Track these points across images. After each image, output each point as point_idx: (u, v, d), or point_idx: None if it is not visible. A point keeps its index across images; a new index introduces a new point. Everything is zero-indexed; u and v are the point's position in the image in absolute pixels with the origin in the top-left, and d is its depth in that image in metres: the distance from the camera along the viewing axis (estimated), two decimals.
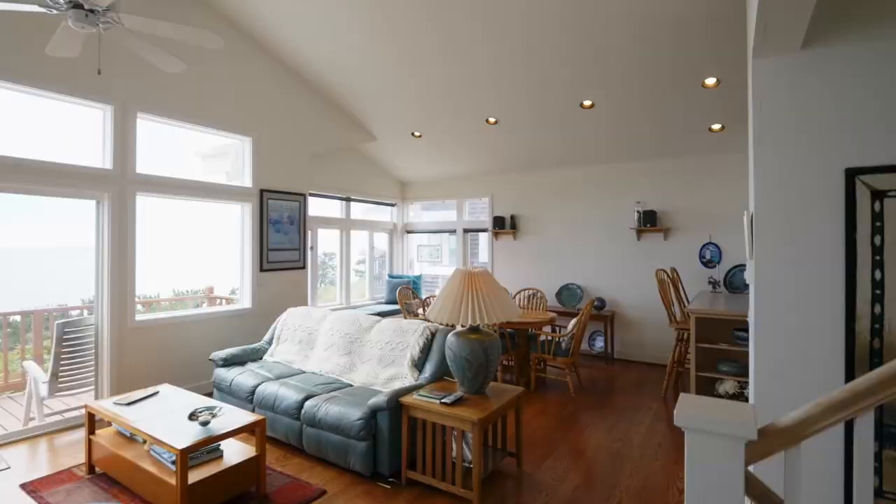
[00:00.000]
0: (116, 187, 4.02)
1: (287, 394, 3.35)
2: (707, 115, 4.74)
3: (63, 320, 3.95)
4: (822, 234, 2.05)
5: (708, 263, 5.39)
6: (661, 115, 4.86)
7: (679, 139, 5.28)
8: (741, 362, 3.93)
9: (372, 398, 3.01)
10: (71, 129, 4.08)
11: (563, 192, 6.40)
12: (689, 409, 1.16)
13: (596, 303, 5.83)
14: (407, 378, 3.38)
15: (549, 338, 4.65)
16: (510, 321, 3.83)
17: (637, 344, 5.88)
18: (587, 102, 4.82)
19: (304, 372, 3.89)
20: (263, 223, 5.18)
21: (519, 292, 5.71)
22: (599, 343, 6.03)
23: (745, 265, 5.01)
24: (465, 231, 7.37)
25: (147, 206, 4.33)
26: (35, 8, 2.43)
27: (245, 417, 2.80)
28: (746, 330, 3.72)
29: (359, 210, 7.41)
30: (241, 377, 3.75)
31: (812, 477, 2.00)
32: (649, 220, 5.64)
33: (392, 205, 7.94)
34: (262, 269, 5.16)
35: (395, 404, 2.93)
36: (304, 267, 5.63)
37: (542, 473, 3.08)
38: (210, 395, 4.14)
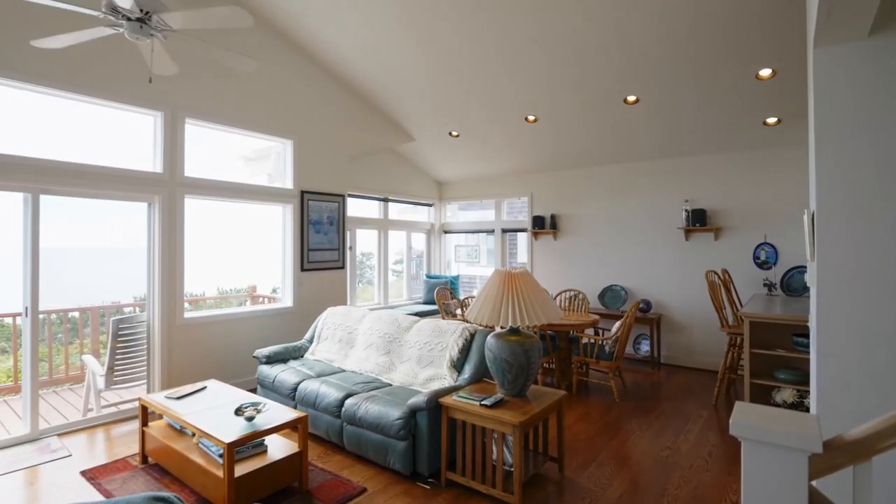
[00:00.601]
0: (166, 190, 4.19)
1: (328, 392, 3.39)
2: (762, 107, 4.48)
3: (118, 317, 4.15)
4: (889, 233, 1.88)
5: (763, 265, 5.10)
6: (711, 109, 4.64)
7: (731, 134, 5.02)
8: (801, 370, 3.68)
9: (411, 398, 2.99)
10: (125, 135, 4.28)
11: (606, 191, 6.22)
12: (747, 417, 1.08)
13: (641, 305, 5.63)
14: (446, 379, 3.35)
15: (592, 341, 4.52)
16: (551, 323, 3.74)
17: (685, 348, 5.64)
18: (631, 98, 4.66)
19: (343, 370, 3.92)
20: (304, 224, 5.28)
21: (560, 293, 5.59)
22: (645, 347, 5.81)
23: (804, 266, 4.71)
24: (504, 231, 7.29)
25: (193, 208, 4.49)
26: (106, 31, 2.55)
27: (288, 414, 2.84)
28: (807, 335, 3.48)
29: (396, 210, 7.46)
30: (284, 374, 3.82)
31: (884, 496, 1.83)
32: (698, 220, 5.39)
33: (429, 205, 7.95)
34: (302, 269, 5.26)
35: (435, 405, 2.91)
36: (343, 267, 5.71)
37: (586, 480, 2.98)
38: (254, 391, 4.25)
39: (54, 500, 2.74)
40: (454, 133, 6.12)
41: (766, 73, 3.97)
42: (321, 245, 5.46)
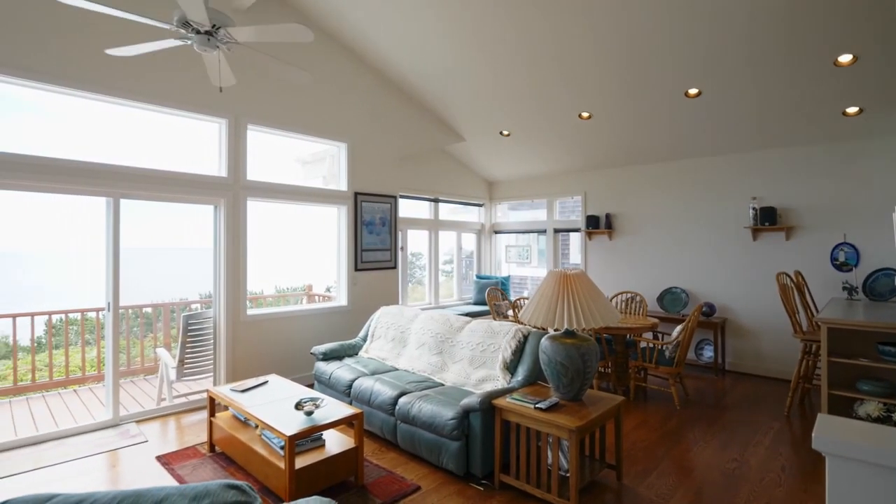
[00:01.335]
0: (231, 193, 4.41)
1: (382, 389, 3.45)
2: (840, 97, 4.14)
3: (187, 313, 4.41)
4: None
5: (842, 266, 4.71)
6: (782, 100, 4.34)
7: (805, 126, 4.67)
8: (888, 381, 3.36)
9: (464, 399, 2.99)
10: (193, 141, 4.55)
11: (666, 189, 5.95)
12: (833, 432, 0.99)
13: (704, 308, 5.34)
14: (499, 380, 3.32)
15: (651, 345, 4.33)
16: (608, 326, 3.62)
17: (753, 355, 5.30)
18: (693, 91, 4.44)
19: (396, 369, 3.98)
20: (357, 224, 5.41)
21: (616, 296, 5.40)
22: (708, 353, 5.51)
23: (892, 269, 4.31)
24: (556, 231, 7.14)
25: (253, 210, 4.70)
26: (176, 42, 2.72)
27: (345, 410, 2.91)
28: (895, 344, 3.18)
29: (446, 211, 7.49)
30: (339, 371, 3.93)
31: None
32: (767, 218, 5.05)
33: (479, 205, 7.93)
34: (356, 269, 5.39)
35: (488, 406, 2.89)
36: (395, 267, 5.80)
37: (646, 489, 2.86)
38: (311, 386, 4.39)
39: (134, 482, 2.95)
40: (505, 132, 6.07)
41: (845, 59, 3.66)
42: (374, 245, 5.58)
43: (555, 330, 2.98)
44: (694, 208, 5.70)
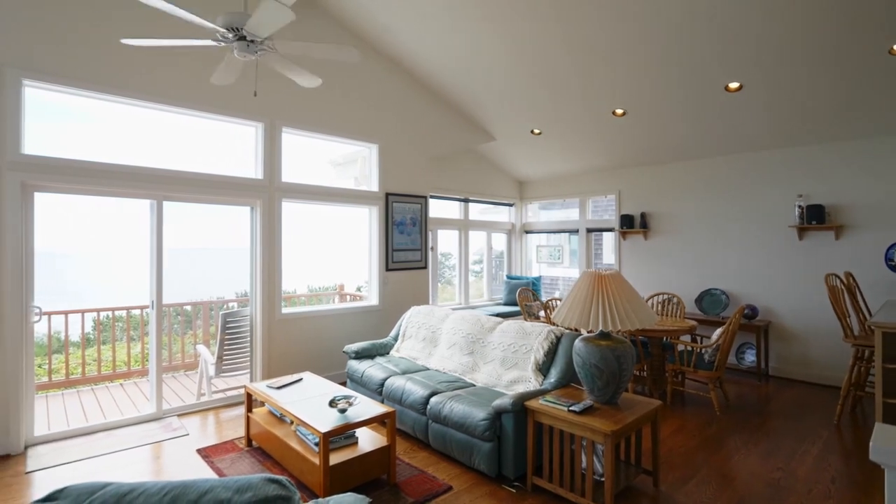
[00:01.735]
0: (266, 195, 4.52)
1: (413, 389, 3.46)
2: None
3: (225, 311, 4.54)
4: None
5: None
6: (831, 92, 4.12)
7: (856, 119, 4.43)
8: None
9: (496, 400, 2.96)
10: (230, 145, 4.69)
11: (704, 187, 5.75)
12: (894, 442, 0.92)
13: (746, 311, 5.13)
14: (531, 382, 3.28)
15: (689, 348, 4.20)
16: (644, 328, 3.53)
17: (799, 360, 5.06)
18: (733, 85, 4.27)
19: (427, 369, 3.99)
20: (388, 225, 5.45)
21: (651, 297, 5.26)
22: (750, 357, 5.30)
23: None
24: (589, 231, 7.01)
25: (287, 210, 4.80)
26: (209, 42, 2.81)
27: (377, 408, 2.94)
28: None
29: (476, 210, 7.47)
30: (371, 370, 3.97)
31: None
32: (815, 216, 4.81)
33: (510, 205, 7.87)
34: (387, 269, 5.44)
35: (520, 408, 2.86)
36: (425, 267, 5.82)
37: (684, 497, 2.77)
38: (344, 384, 4.45)
39: (177, 474, 3.06)
40: (536, 131, 6.01)
41: None
42: (405, 245, 5.61)
43: (588, 331, 2.92)
44: (735, 206, 5.49)
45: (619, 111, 5.10)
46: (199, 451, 3.35)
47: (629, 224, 6.31)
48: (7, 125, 3.27)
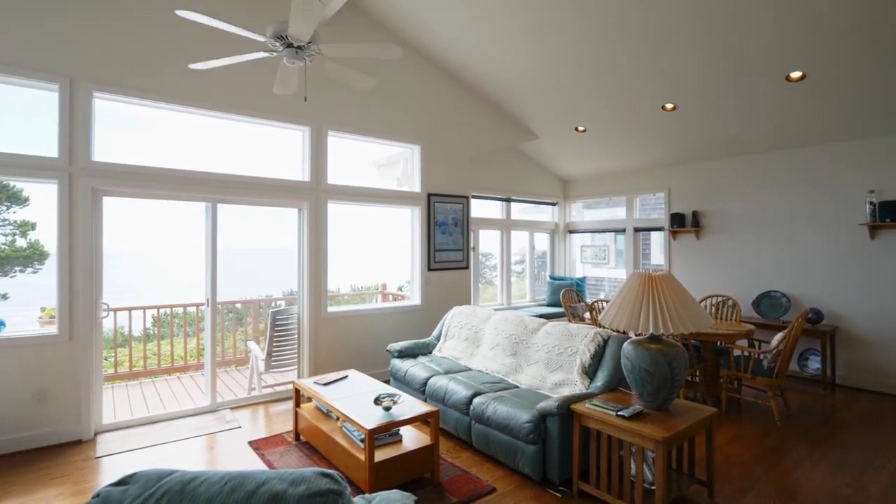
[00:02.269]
0: (313, 196, 4.65)
1: (456, 389, 3.46)
2: None
3: (274, 309, 4.70)
4: None
5: None
6: None
7: None
8: None
9: (541, 402, 2.91)
10: (278, 148, 4.84)
11: (763, 183, 5.44)
12: None
13: (810, 315, 4.81)
14: (577, 385, 3.20)
15: (747, 353, 3.98)
16: (699, 332, 3.38)
17: (870, 368, 4.70)
18: (795, 74, 4.02)
19: (470, 369, 3.98)
20: (430, 225, 5.48)
21: (704, 299, 5.02)
22: (814, 364, 4.97)
23: None
24: (636, 230, 6.79)
25: (331, 211, 4.90)
26: (260, 54, 2.91)
27: (421, 407, 2.95)
28: None
29: (518, 210, 7.39)
30: (414, 369, 4.00)
31: None
32: (889, 214, 4.45)
33: (553, 204, 7.74)
34: (429, 269, 5.47)
35: (566, 411, 2.79)
36: (467, 267, 5.81)
37: None
38: (387, 382, 4.51)
39: (230, 464, 3.19)
40: (580, 128, 5.87)
41: None
42: (446, 246, 5.62)
43: (637, 334, 2.82)
44: (797, 203, 5.16)
45: (669, 106, 4.91)
46: (250, 443, 3.48)
47: (680, 223, 6.06)
48: (80, 135, 3.51)
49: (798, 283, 5.14)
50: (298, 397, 3.56)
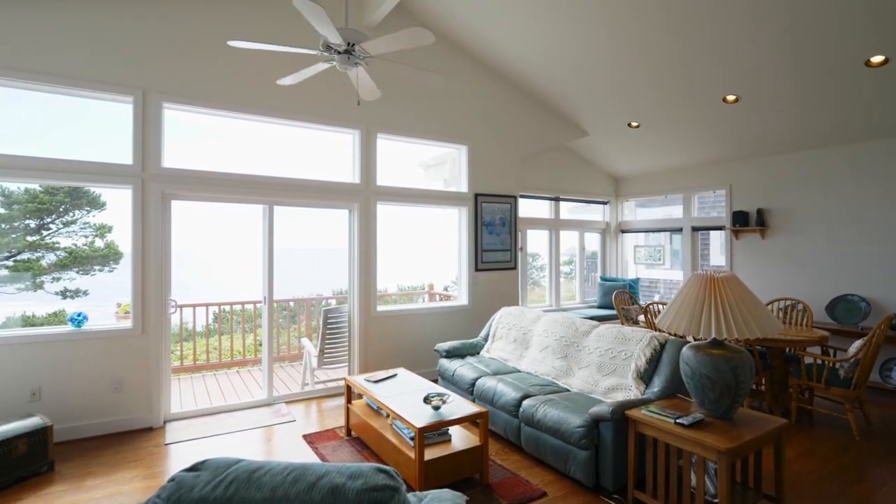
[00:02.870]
0: (363, 198, 4.75)
1: (505, 390, 3.42)
2: None
3: (326, 308, 4.84)
4: None
5: None
6: None
7: None
8: None
9: (593, 407, 2.83)
10: (329, 152, 4.99)
11: (838, 178, 5.04)
12: None
13: (894, 321, 4.42)
14: (631, 390, 3.09)
15: (820, 362, 3.70)
16: (766, 338, 3.17)
17: None
18: (877, 59, 3.70)
19: (518, 371, 3.93)
20: (478, 225, 5.47)
21: (771, 303, 4.71)
22: None
23: None
24: (694, 229, 6.47)
25: (380, 212, 4.99)
26: (325, 66, 3.00)
27: (470, 407, 2.95)
28: None
29: (567, 209, 7.24)
30: (462, 369, 4.00)
31: None
32: None
33: (604, 202, 7.52)
34: (476, 269, 5.45)
35: (620, 416, 2.70)
36: (514, 267, 5.75)
37: None
38: (435, 381, 4.54)
39: (285, 456, 3.31)
40: (633, 123, 5.67)
41: None
42: (494, 246, 5.59)
43: (695, 339, 2.68)
44: (878, 201, 4.75)
45: (731, 97, 4.65)
46: (304, 436, 3.60)
47: (743, 221, 5.72)
48: (151, 143, 3.77)
49: (879, 287, 4.72)
50: (350, 394, 3.65)
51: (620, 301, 5.20)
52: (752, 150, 5.60)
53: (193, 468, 1.05)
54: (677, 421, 2.46)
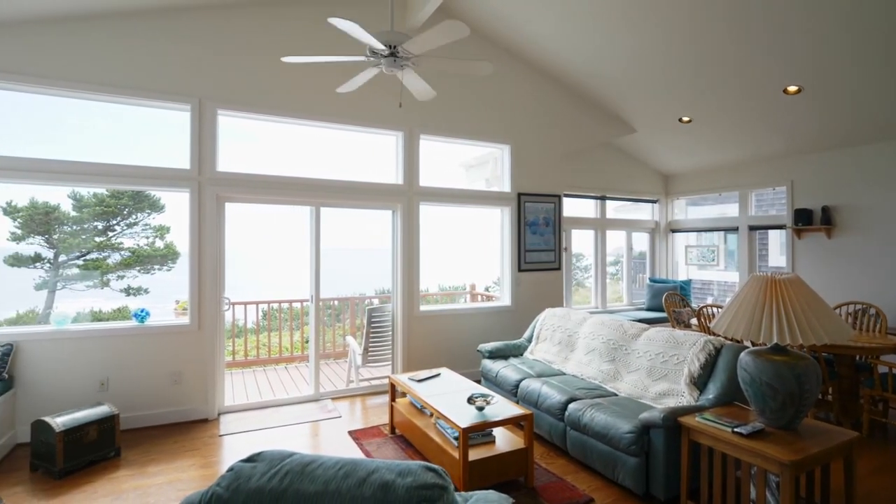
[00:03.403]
0: (406, 198, 4.79)
1: (550, 393, 3.36)
2: None
3: (371, 307, 4.92)
4: None
5: None
6: None
7: None
8: None
9: (643, 412, 2.73)
10: (374, 153, 5.06)
11: None
12: None
13: None
14: (684, 396, 2.96)
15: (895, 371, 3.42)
16: (834, 344, 2.96)
17: None
18: None
19: (563, 373, 3.85)
20: (521, 225, 5.40)
21: (838, 307, 4.40)
22: None
23: None
24: (751, 228, 6.13)
25: (422, 213, 5.02)
26: (374, 70, 3.05)
27: (514, 409, 2.91)
28: None
29: (613, 208, 7.04)
30: (506, 370, 3.96)
31: None
32: None
33: (653, 201, 7.26)
34: (519, 270, 5.39)
35: (673, 423, 2.59)
36: (559, 268, 5.64)
37: None
38: (478, 382, 4.51)
39: (332, 450, 3.39)
40: (685, 118, 5.44)
41: None
42: (537, 246, 5.51)
43: (757, 344, 2.54)
44: None
45: (793, 88, 4.37)
46: (350, 432, 3.67)
47: (806, 220, 5.36)
48: (207, 148, 3.95)
49: None
50: (394, 392, 3.69)
51: (671, 303, 5.00)
52: (817, 145, 5.25)
53: (250, 459, 1.09)
54: (735, 430, 2.34)
